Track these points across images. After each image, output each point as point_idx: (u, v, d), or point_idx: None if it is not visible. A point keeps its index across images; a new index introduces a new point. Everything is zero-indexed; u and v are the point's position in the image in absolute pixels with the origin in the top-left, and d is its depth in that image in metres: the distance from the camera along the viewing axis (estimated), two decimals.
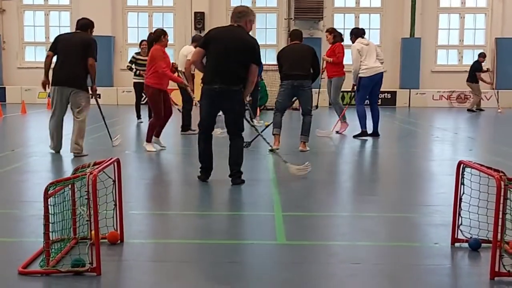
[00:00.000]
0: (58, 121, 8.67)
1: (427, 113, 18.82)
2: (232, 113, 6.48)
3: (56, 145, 8.69)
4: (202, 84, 6.42)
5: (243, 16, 6.48)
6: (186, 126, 11.54)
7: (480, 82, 19.24)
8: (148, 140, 9.09)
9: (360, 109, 11.01)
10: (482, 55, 19.47)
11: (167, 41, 9.06)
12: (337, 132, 11.66)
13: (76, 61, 8.30)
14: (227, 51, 6.27)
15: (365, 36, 11.38)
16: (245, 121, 6.75)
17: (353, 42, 11.24)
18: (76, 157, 8.27)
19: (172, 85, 10.12)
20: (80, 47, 8.32)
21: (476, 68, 19.24)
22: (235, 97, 6.37)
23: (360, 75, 10.95)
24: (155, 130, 9.10)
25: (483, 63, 19.36)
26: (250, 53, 6.35)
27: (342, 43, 11.85)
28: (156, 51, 8.79)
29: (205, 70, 6.46)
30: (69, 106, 8.60)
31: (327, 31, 12.07)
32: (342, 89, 11.93)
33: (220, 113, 6.61)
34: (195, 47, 11.26)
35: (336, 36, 11.71)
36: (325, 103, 18.70)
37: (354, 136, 10.97)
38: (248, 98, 8.45)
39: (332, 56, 11.59)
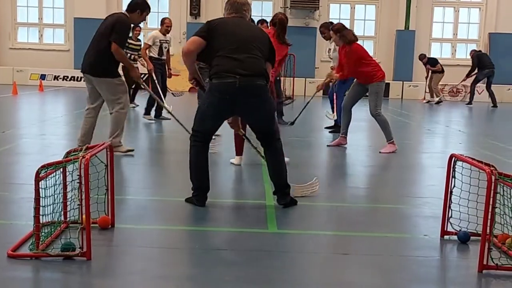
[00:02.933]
0: (88, 114, 7.41)
1: (419, 105, 18.87)
2: (261, 114, 5.03)
3: (81, 139, 7.21)
4: (209, 80, 5.04)
5: (247, 9, 5.25)
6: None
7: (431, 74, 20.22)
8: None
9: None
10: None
11: None
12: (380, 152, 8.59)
13: (98, 44, 7.20)
14: (245, 38, 4.98)
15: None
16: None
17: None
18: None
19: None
20: (106, 29, 7.17)
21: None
22: (263, 94, 4.97)
23: None
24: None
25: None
26: (268, 48, 5.11)
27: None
28: None
29: (214, 63, 4.95)
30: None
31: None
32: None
33: None
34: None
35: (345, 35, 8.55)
36: None
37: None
38: None
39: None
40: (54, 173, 3.80)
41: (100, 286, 3.37)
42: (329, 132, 10.53)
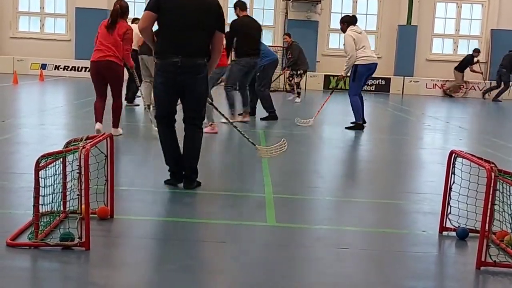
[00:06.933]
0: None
1: (420, 101, 18.86)
2: (193, 93, 5.20)
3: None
4: (154, 60, 5.31)
5: None
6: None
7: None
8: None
9: (355, 99, 10.24)
10: (477, 51, 20.80)
11: None
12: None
13: None
14: (188, 15, 5.10)
15: (357, 24, 10.51)
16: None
17: (344, 31, 10.38)
18: None
19: None
20: None
21: (468, 61, 20.66)
22: (200, 73, 5.16)
23: (357, 63, 10.09)
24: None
25: (475, 58, 20.71)
26: (216, 18, 5.20)
27: None
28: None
29: (159, 40, 5.23)
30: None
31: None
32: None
33: None
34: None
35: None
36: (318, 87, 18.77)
37: (347, 128, 10.26)
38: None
39: None
40: (54, 163, 3.80)
41: (98, 276, 3.37)
42: (346, 128, 10.32)
